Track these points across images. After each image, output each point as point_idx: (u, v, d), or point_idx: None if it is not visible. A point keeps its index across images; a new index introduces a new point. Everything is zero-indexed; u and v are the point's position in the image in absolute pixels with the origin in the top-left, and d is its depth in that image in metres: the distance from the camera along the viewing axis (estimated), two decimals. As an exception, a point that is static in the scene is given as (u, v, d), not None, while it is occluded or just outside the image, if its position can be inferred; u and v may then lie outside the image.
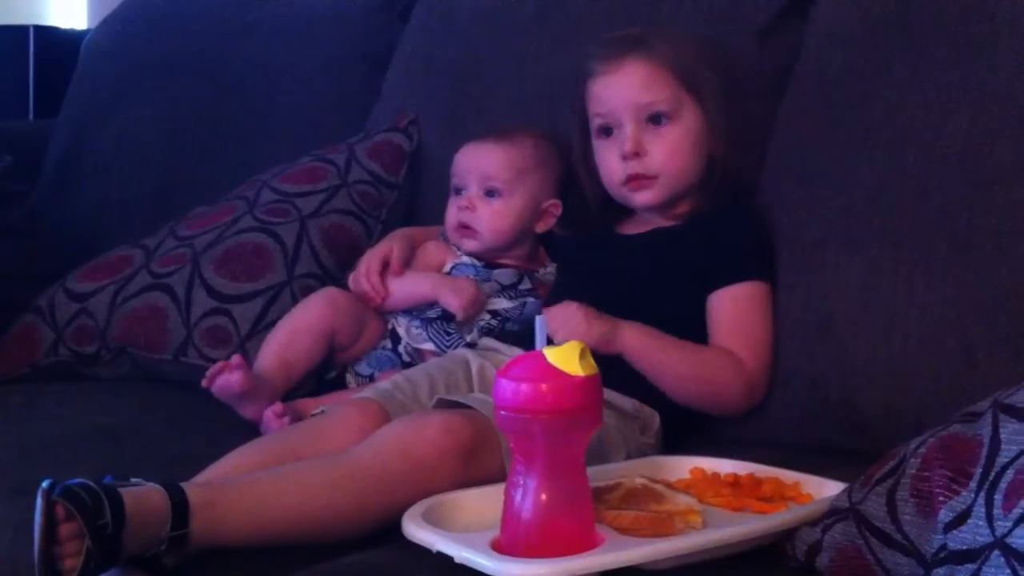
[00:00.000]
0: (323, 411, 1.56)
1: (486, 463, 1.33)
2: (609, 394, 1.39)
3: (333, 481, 1.31)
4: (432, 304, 1.81)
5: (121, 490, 1.19)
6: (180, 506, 1.21)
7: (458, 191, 1.85)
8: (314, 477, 1.32)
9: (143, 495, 1.21)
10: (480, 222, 1.81)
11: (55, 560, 1.16)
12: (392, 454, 1.32)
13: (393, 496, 1.28)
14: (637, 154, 1.62)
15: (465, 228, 1.83)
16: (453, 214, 1.84)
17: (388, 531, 1.22)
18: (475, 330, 1.78)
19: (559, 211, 1.82)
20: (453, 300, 1.77)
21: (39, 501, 1.15)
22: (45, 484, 1.16)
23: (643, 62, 1.63)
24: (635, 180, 1.64)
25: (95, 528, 1.15)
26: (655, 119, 1.63)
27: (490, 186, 1.82)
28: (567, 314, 1.52)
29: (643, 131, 1.63)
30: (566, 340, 1.47)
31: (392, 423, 1.40)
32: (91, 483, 1.18)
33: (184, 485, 1.24)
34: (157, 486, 1.23)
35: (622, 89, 1.64)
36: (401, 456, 1.31)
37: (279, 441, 1.50)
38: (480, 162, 1.83)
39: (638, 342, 1.53)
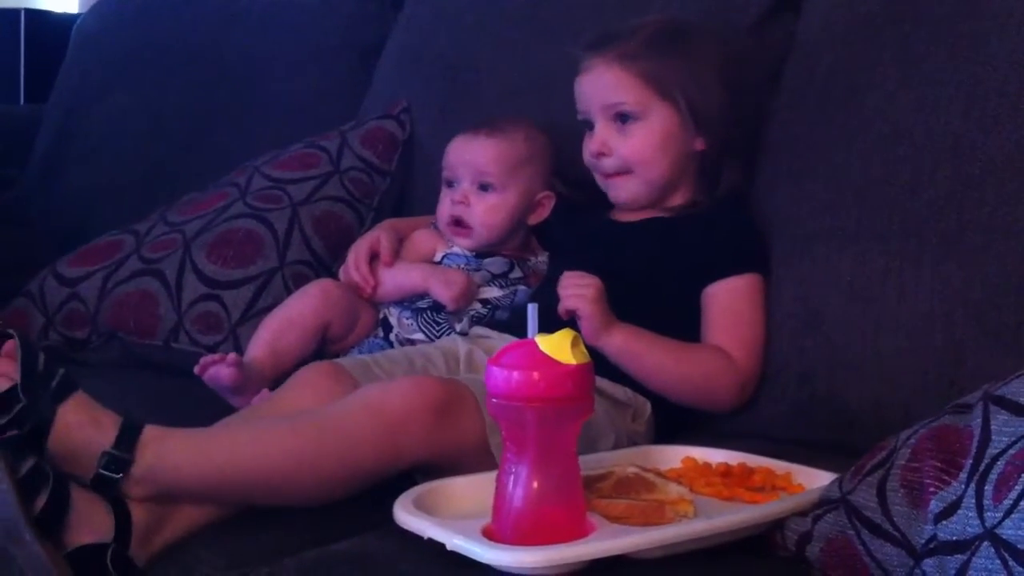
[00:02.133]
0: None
1: (461, 425, 1.33)
2: (600, 382, 1.39)
3: (294, 429, 1.30)
4: (423, 295, 1.81)
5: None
6: (130, 429, 1.22)
7: (450, 184, 1.85)
8: (276, 426, 1.32)
9: (99, 409, 1.23)
10: (474, 217, 1.81)
11: None
12: (359, 410, 1.32)
13: (356, 450, 1.28)
14: (603, 153, 1.65)
15: (458, 224, 1.82)
16: (447, 208, 1.83)
17: (379, 517, 1.22)
18: (465, 319, 1.78)
19: (552, 202, 1.82)
20: (444, 292, 1.77)
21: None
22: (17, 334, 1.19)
23: (612, 64, 1.64)
24: (608, 179, 1.67)
25: (33, 378, 1.17)
26: (622, 118, 1.64)
27: (483, 180, 1.81)
28: (584, 282, 1.52)
29: (611, 129, 1.65)
30: (567, 304, 1.49)
31: (364, 386, 1.40)
32: (58, 366, 1.20)
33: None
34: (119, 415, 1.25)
35: (592, 89, 1.67)
36: (368, 411, 1.31)
37: (251, 410, 1.52)
38: (472, 156, 1.82)
39: (625, 346, 1.53)
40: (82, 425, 1.20)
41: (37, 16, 3.17)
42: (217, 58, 2.48)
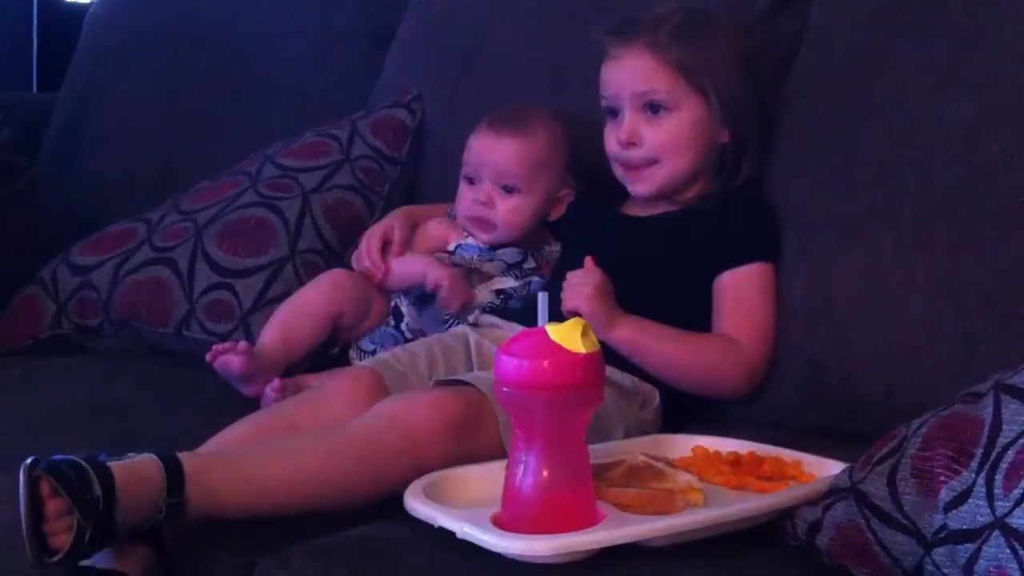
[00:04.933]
0: (323, 384, 1.57)
1: (480, 438, 1.34)
2: (608, 371, 1.39)
3: (327, 452, 1.31)
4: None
5: (111, 463, 1.17)
6: (175, 474, 1.20)
7: (471, 180, 1.82)
8: (309, 448, 1.32)
9: (135, 466, 1.20)
10: (497, 217, 1.79)
11: (45, 538, 1.13)
12: (384, 428, 1.33)
13: (386, 469, 1.28)
14: (633, 143, 1.63)
15: (480, 220, 1.81)
16: (467, 206, 1.81)
17: (389, 506, 1.22)
18: (476, 311, 1.77)
19: (571, 198, 1.81)
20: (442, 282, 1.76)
21: (21, 478, 1.13)
22: (28, 460, 1.14)
23: (646, 53, 1.62)
24: (632, 170, 1.66)
25: (85, 503, 1.13)
26: (652, 108, 1.63)
27: (507, 182, 1.79)
28: (584, 280, 1.52)
29: (640, 119, 1.63)
30: (568, 305, 1.49)
31: (386, 399, 1.41)
32: (77, 458, 1.16)
33: (179, 454, 1.23)
34: (151, 456, 1.22)
35: (623, 77, 1.64)
36: (392, 429, 1.32)
37: (276, 413, 1.51)
38: (496, 157, 1.79)
39: (631, 338, 1.53)
40: (133, 500, 1.17)
41: (50, 4, 3.17)
42: (230, 44, 2.48)
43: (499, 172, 1.79)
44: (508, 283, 1.80)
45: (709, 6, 1.76)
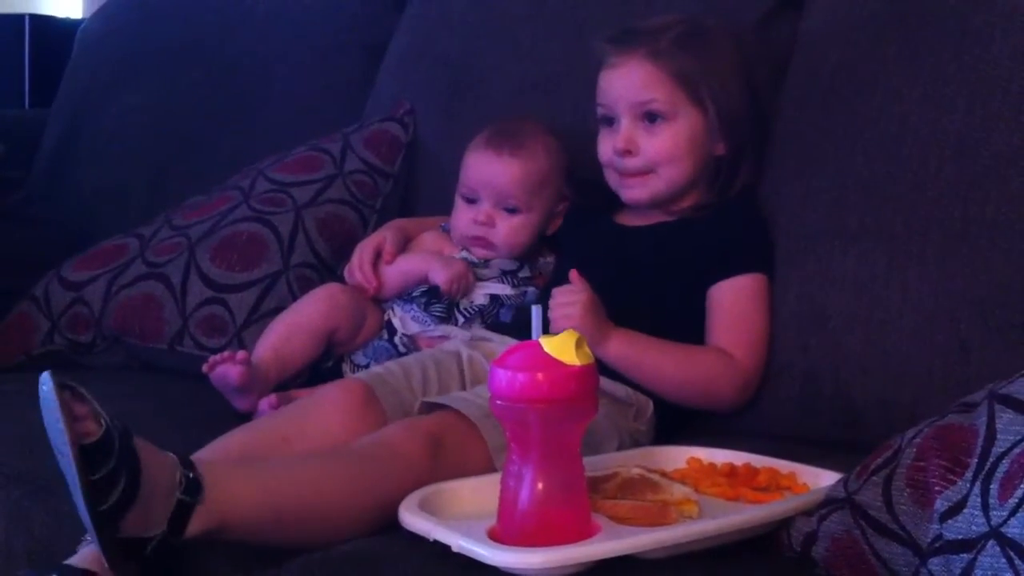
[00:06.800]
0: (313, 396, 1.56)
1: (461, 454, 1.34)
2: (601, 381, 1.39)
3: (325, 463, 1.30)
4: (419, 284, 1.80)
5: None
6: (185, 457, 1.19)
7: (469, 200, 1.82)
8: (316, 464, 1.31)
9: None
10: (498, 236, 1.80)
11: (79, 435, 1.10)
12: (371, 449, 1.33)
13: (382, 489, 1.27)
14: (629, 151, 1.63)
15: (481, 240, 1.81)
16: (467, 225, 1.81)
17: (384, 519, 1.22)
18: (468, 318, 1.77)
19: (567, 210, 1.81)
20: (441, 273, 1.76)
21: (47, 379, 1.10)
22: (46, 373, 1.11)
23: (646, 61, 1.63)
24: (627, 177, 1.65)
25: (108, 417, 1.11)
26: (650, 117, 1.63)
27: (508, 203, 1.79)
28: (572, 298, 1.52)
29: (637, 128, 1.63)
30: (557, 324, 1.49)
31: (376, 434, 1.40)
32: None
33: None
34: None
35: (621, 85, 1.64)
36: (379, 449, 1.32)
37: (266, 423, 1.51)
38: (496, 179, 1.79)
39: (622, 353, 1.53)
40: (154, 460, 1.15)
41: (41, 22, 3.17)
42: (223, 59, 2.48)
43: (501, 193, 1.79)
44: (506, 290, 1.79)
45: (704, 14, 1.77)
